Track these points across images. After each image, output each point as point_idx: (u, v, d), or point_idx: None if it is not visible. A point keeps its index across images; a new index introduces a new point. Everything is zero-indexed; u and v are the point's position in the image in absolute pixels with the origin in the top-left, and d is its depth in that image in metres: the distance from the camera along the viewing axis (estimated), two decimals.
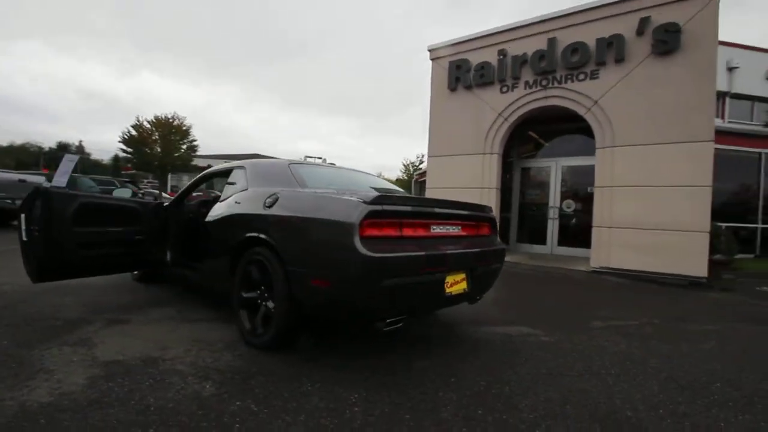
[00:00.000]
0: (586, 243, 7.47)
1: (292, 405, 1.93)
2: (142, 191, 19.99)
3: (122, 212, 3.58)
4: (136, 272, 4.50)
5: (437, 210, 2.63)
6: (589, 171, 7.52)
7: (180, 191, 4.14)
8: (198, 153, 31.81)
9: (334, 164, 4.93)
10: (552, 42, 7.36)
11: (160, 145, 29.19)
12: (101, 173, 32.51)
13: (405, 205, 2.43)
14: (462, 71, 8.49)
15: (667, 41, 6.27)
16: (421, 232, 2.49)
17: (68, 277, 3.28)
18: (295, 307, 2.51)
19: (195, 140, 30.88)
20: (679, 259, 6.22)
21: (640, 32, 6.54)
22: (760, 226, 9.67)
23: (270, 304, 2.63)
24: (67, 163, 7.78)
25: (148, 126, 29.26)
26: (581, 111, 7.18)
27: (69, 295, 3.77)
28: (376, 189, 3.13)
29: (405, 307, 2.41)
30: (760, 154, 9.69)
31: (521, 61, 7.74)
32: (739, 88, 13.26)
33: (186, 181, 16.78)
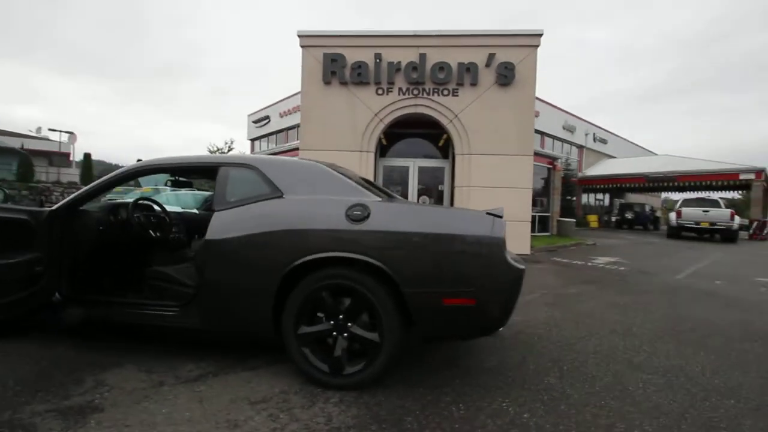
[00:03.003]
0: None
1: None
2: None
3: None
4: None
5: None
6: (440, 173, 8.93)
7: (82, 191, 2.65)
8: None
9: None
10: (423, 57, 8.28)
11: None
12: None
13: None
14: (338, 66, 8.43)
15: (506, 75, 8.14)
16: None
17: None
18: (406, 333, 2.20)
19: None
20: (512, 242, 8.27)
21: (488, 64, 8.22)
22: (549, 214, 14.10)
23: (363, 333, 2.17)
24: None
25: None
26: (445, 121, 8.42)
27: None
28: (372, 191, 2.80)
29: None
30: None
31: (396, 68, 8.36)
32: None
33: None
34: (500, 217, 2.21)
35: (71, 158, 28.34)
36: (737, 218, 14.98)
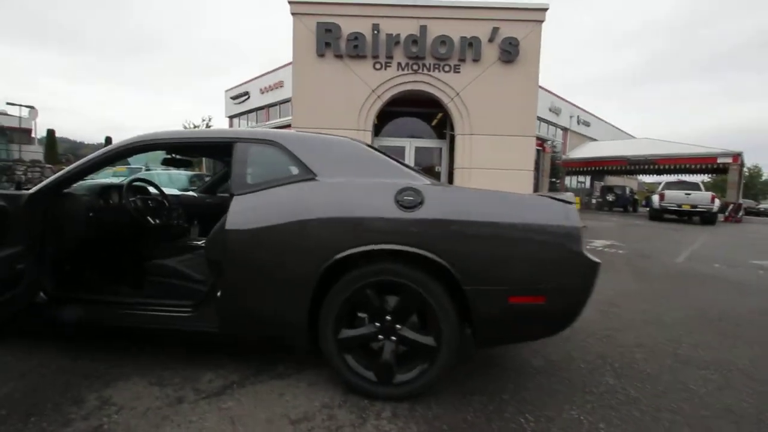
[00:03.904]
0: None
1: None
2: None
3: None
4: None
5: None
6: (436, 153, 8.63)
7: (66, 170, 2.19)
8: None
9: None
10: (423, 29, 7.82)
11: None
12: None
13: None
14: (332, 37, 7.86)
15: (510, 51, 7.80)
16: None
17: None
18: (461, 335, 1.93)
19: None
20: None
21: (491, 39, 7.85)
22: None
23: (415, 337, 1.89)
24: None
25: None
26: (446, 100, 8.06)
27: None
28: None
29: None
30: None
31: (395, 41, 7.87)
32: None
33: None
34: (571, 203, 1.94)
35: (33, 135, 26.44)
36: (717, 201, 15.42)
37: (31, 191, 2.01)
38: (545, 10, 7.82)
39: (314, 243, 1.89)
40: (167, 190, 3.16)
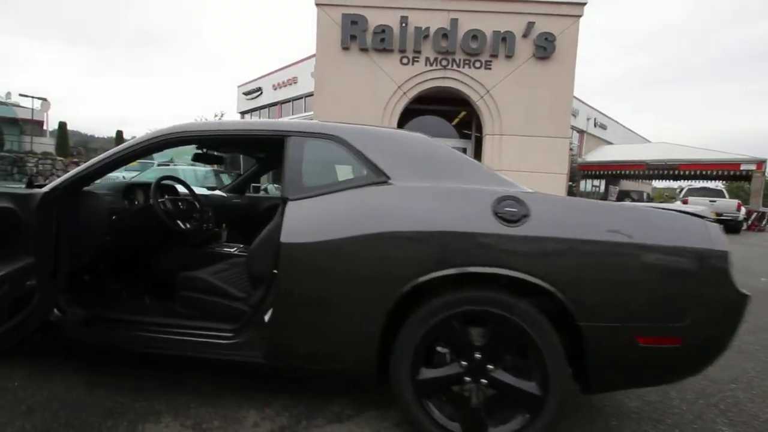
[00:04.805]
0: None
1: None
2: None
3: None
4: None
5: None
6: None
7: (86, 166, 1.81)
8: None
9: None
10: (454, 23, 7.42)
11: None
12: None
13: None
14: (358, 29, 7.50)
15: (545, 48, 7.38)
16: None
17: None
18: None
19: None
20: None
21: (526, 34, 7.43)
22: None
23: (513, 382, 1.52)
24: None
25: None
26: (475, 97, 7.66)
27: None
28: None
29: None
30: None
31: (424, 34, 7.48)
32: None
33: None
34: (710, 220, 1.56)
35: (45, 127, 26.44)
36: (743, 209, 14.84)
37: (45, 189, 1.66)
38: (584, 4, 7.39)
39: (390, 262, 1.52)
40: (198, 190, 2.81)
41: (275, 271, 1.62)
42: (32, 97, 26.80)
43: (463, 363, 1.54)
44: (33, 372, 1.95)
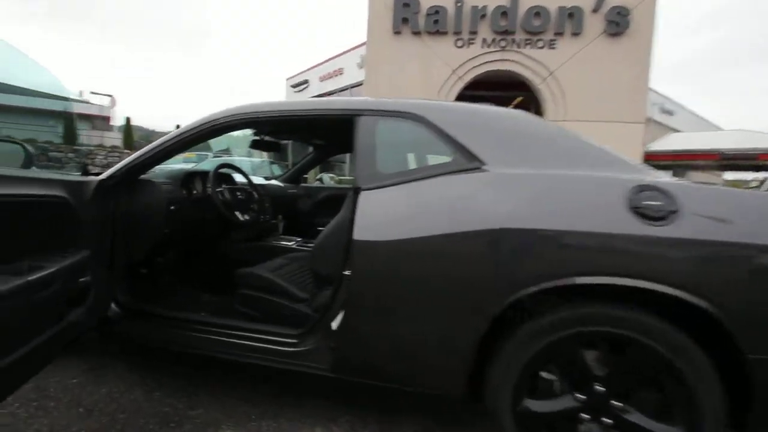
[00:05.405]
0: None
1: None
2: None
3: (26, 217, 1.15)
4: None
5: None
6: None
7: (143, 152, 1.66)
8: None
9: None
10: (514, 0, 6.87)
11: None
12: None
13: None
14: (410, 12, 7.14)
15: (618, 23, 6.63)
16: None
17: None
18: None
19: None
20: None
21: (596, 9, 6.72)
22: None
23: (647, 425, 1.19)
24: None
25: None
26: (536, 80, 7.08)
27: None
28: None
29: None
30: None
31: (480, 14, 6.99)
32: None
33: None
34: None
35: (111, 122, 28.50)
36: None
37: (101, 177, 1.54)
38: None
39: (487, 267, 1.23)
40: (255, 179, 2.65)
41: (345, 272, 1.39)
42: (101, 95, 29.00)
43: (580, 396, 1.23)
44: (93, 367, 1.87)
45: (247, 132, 2.31)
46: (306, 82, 23.48)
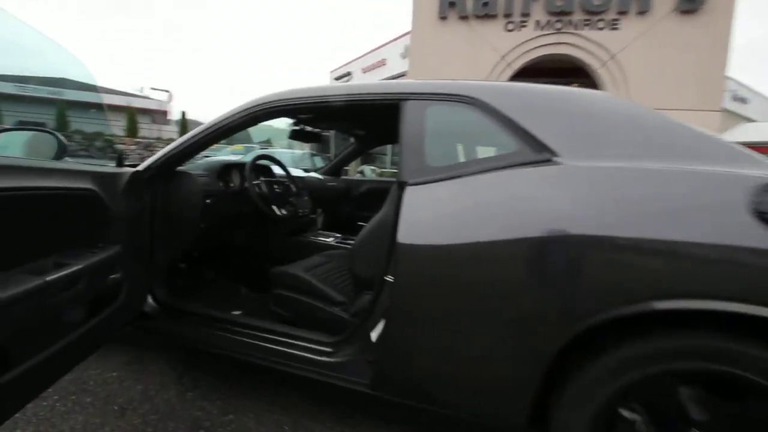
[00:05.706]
0: None
1: None
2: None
3: (51, 213, 1.08)
4: None
5: None
6: None
7: (179, 143, 1.58)
8: None
9: None
10: None
11: None
12: None
13: None
14: None
15: None
16: None
17: None
18: None
19: None
20: None
21: None
22: None
23: None
24: None
25: None
26: (596, 64, 6.51)
27: None
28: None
29: None
30: None
31: None
32: None
33: None
34: None
35: (168, 116, 30.28)
36: None
37: (136, 168, 1.48)
38: None
39: (561, 282, 1.02)
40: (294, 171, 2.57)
41: (388, 277, 1.23)
42: (160, 90, 30.86)
43: None
44: (132, 360, 1.85)
45: (289, 122, 2.21)
46: (349, 74, 23.53)
